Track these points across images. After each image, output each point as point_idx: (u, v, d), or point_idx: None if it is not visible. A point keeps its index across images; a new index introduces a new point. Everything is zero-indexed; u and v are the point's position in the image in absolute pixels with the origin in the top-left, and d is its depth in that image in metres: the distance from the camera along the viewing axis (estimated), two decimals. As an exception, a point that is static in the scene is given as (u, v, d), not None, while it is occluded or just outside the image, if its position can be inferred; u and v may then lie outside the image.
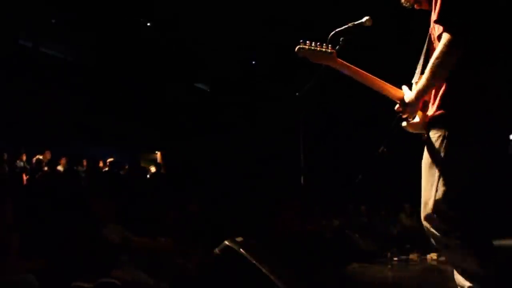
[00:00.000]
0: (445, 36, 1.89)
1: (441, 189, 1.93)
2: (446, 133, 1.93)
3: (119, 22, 10.53)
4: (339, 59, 2.21)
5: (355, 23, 2.33)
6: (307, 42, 2.20)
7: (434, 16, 1.93)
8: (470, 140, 1.90)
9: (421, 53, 2.20)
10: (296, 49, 2.19)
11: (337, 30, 2.32)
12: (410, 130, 2.19)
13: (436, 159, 1.96)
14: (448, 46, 1.88)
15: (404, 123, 2.18)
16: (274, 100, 11.95)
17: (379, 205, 9.87)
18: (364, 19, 2.32)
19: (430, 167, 1.98)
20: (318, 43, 2.20)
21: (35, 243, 3.25)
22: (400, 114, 2.14)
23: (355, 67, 2.22)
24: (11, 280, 2.67)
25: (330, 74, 2.33)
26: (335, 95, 10.35)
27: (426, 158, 2.03)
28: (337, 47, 2.24)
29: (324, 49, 2.19)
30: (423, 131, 2.09)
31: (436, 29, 1.98)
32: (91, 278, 3.04)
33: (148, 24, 11.19)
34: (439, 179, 1.94)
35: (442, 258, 4.66)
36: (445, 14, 1.89)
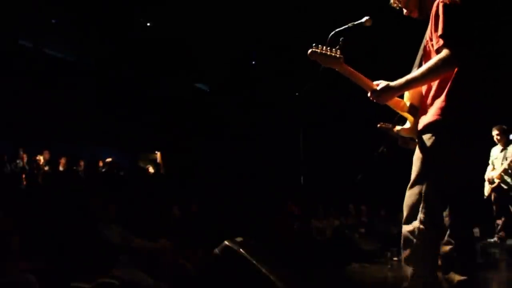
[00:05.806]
0: (445, 51, 2.04)
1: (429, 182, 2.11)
2: (437, 137, 2.12)
3: (119, 22, 10.52)
4: (345, 65, 2.22)
5: (355, 23, 2.34)
6: (319, 46, 2.21)
7: (439, 31, 2.06)
8: (458, 143, 2.10)
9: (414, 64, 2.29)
10: (308, 52, 2.20)
11: (337, 30, 2.32)
12: (403, 134, 2.41)
13: (426, 157, 2.16)
14: (446, 60, 2.04)
15: (397, 127, 2.37)
16: (274, 100, 11.94)
17: (379, 205, 9.86)
18: (364, 19, 2.33)
19: (420, 163, 2.17)
20: (329, 48, 2.21)
21: (35, 243, 3.24)
22: (372, 99, 2.26)
23: (358, 73, 2.24)
24: (11, 280, 2.68)
25: (329, 74, 2.33)
26: (335, 95, 10.33)
27: (417, 154, 2.20)
28: (337, 46, 2.24)
29: (333, 54, 2.20)
30: (414, 136, 2.28)
31: (435, 42, 2.10)
32: (90, 278, 3.04)
33: (148, 24, 11.18)
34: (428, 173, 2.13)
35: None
36: (449, 32, 2.05)
